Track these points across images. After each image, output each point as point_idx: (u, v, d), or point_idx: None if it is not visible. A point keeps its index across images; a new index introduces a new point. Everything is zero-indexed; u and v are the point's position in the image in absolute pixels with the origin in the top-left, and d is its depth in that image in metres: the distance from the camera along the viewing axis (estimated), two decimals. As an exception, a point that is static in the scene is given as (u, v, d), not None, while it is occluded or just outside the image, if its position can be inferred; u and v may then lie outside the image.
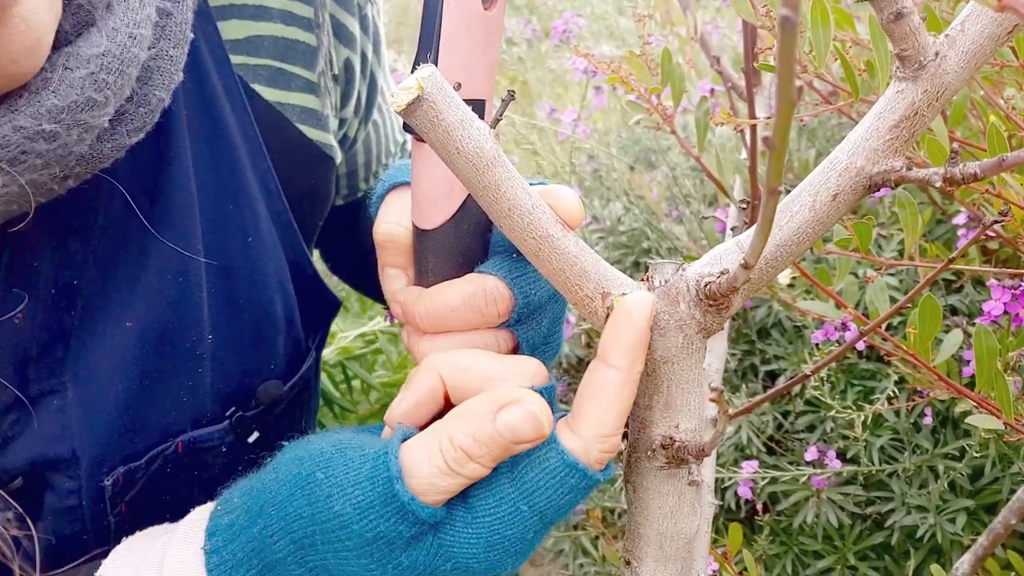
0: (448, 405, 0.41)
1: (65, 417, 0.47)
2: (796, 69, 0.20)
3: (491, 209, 0.36)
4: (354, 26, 0.60)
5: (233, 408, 0.54)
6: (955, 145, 0.29)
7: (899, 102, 0.32)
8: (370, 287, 0.73)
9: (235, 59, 0.54)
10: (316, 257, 0.77)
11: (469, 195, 0.44)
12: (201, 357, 0.51)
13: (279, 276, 0.56)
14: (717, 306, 0.37)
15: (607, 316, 0.38)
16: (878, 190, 0.34)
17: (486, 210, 0.36)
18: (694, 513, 0.42)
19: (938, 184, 0.30)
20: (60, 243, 0.46)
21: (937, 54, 0.31)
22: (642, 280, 0.39)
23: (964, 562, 0.30)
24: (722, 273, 0.36)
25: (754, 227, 0.37)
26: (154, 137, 0.47)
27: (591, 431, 0.36)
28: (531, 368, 0.40)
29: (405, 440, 0.38)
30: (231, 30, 0.54)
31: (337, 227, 0.71)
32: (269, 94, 0.55)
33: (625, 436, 0.43)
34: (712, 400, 0.32)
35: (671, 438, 0.39)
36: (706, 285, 0.37)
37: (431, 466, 0.36)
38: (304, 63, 0.57)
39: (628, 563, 0.43)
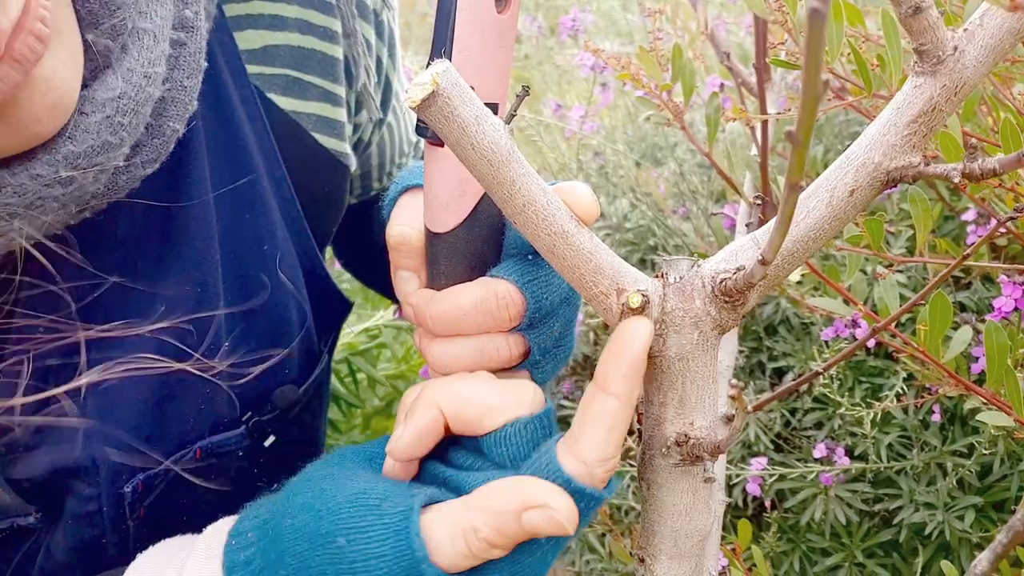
0: (448, 432, 0.42)
1: (85, 427, 0.47)
2: (823, 63, 0.20)
3: (506, 205, 0.36)
4: (370, 33, 0.61)
5: (249, 413, 0.55)
6: (973, 141, 0.29)
7: (917, 97, 0.32)
8: (382, 284, 0.74)
9: (251, 69, 0.54)
10: (329, 255, 0.77)
11: (482, 198, 0.44)
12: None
13: (294, 282, 0.56)
14: (733, 302, 0.37)
15: (622, 313, 0.37)
16: (895, 186, 0.33)
17: (501, 207, 0.36)
18: (708, 510, 0.42)
19: (957, 180, 0.30)
20: (80, 261, 0.46)
21: (956, 48, 0.31)
22: (657, 277, 0.39)
23: (982, 560, 0.30)
24: (738, 269, 0.36)
25: (769, 223, 0.37)
26: (172, 151, 0.47)
27: (593, 455, 0.37)
28: (529, 395, 0.41)
29: (424, 505, 0.38)
30: (247, 40, 0.54)
31: (350, 226, 0.71)
32: (285, 103, 0.55)
33: (639, 433, 0.43)
34: (732, 397, 0.32)
35: (686, 435, 0.39)
36: (722, 282, 0.36)
37: (455, 550, 0.37)
38: (320, 72, 0.57)
39: (642, 560, 0.43)
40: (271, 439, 0.56)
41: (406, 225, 0.46)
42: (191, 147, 0.49)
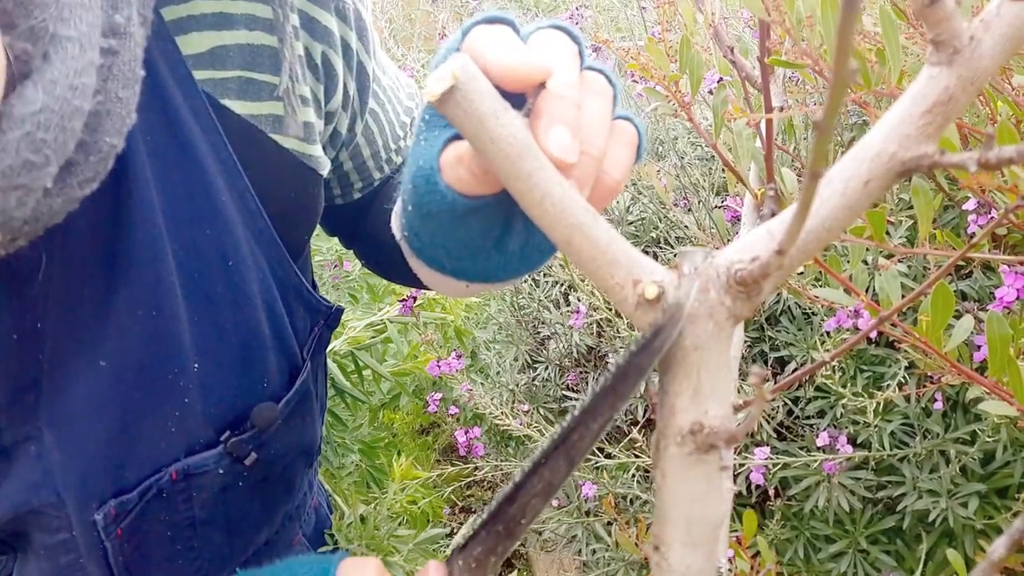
0: None
1: (45, 462, 0.46)
2: (852, 49, 0.20)
3: (523, 198, 0.36)
4: (328, 20, 0.57)
5: (227, 432, 0.54)
6: (990, 129, 0.29)
7: (933, 87, 0.32)
8: (399, 275, 0.71)
9: (199, 75, 0.50)
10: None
11: None
12: (186, 388, 0.51)
13: (265, 296, 0.55)
14: (748, 293, 0.37)
15: (638, 303, 0.38)
16: (910, 177, 0.34)
17: (518, 199, 0.37)
18: (722, 498, 0.43)
19: (973, 169, 0.31)
20: (16, 290, 0.44)
21: (972, 38, 0.31)
22: (671, 268, 0.39)
23: (1000, 545, 0.30)
24: (753, 259, 0.36)
25: (783, 214, 0.37)
26: (108, 174, 0.44)
27: None
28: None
29: None
30: (192, 44, 0.50)
31: (360, 219, 0.69)
32: (240, 107, 0.52)
33: (652, 424, 0.43)
34: (755, 385, 0.32)
35: (701, 424, 0.39)
36: (737, 272, 0.37)
37: None
38: (271, 69, 0.53)
39: (656, 548, 0.44)
40: (252, 457, 0.55)
41: None
42: (131, 169, 0.46)
